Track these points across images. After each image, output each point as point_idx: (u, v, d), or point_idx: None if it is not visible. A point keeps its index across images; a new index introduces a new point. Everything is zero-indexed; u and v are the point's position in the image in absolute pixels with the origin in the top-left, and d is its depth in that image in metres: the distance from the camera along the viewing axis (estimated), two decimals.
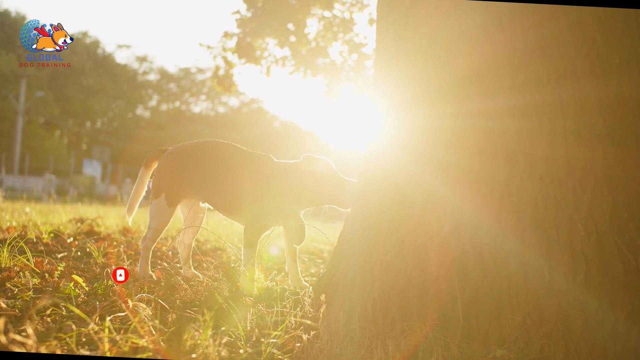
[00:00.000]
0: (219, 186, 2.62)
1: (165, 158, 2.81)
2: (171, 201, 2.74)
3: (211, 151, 2.71)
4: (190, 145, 2.79)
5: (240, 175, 2.56)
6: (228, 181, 2.59)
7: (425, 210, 2.16)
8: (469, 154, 2.13)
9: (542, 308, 1.97)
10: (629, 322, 1.93)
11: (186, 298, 2.12)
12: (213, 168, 2.64)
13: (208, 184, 2.64)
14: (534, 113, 2.07)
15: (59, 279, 2.36)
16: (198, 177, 2.66)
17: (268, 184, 2.51)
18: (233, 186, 2.57)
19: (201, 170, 2.66)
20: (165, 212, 2.74)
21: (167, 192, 2.73)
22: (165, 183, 2.75)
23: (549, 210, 2.02)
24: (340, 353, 1.79)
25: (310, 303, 2.27)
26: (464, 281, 2.05)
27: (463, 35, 2.18)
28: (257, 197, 2.51)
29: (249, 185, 2.53)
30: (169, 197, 2.73)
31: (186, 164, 2.72)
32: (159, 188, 2.76)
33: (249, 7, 10.06)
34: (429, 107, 2.22)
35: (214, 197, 2.67)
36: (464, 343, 1.97)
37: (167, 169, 2.78)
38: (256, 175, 2.54)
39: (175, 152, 2.81)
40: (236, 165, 2.60)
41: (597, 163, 2.05)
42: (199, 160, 2.69)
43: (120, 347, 1.44)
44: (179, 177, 2.72)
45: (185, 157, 2.74)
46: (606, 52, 2.08)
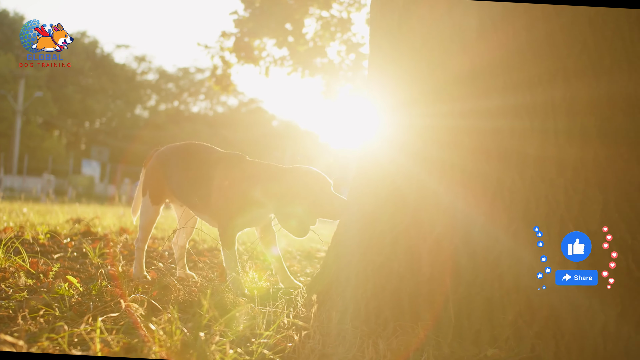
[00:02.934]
0: (192, 186, 2.62)
1: (152, 158, 2.86)
2: (155, 200, 2.78)
3: (189, 153, 2.73)
4: (175, 146, 2.82)
5: (213, 175, 2.54)
6: (200, 181, 2.58)
7: (419, 209, 2.18)
8: (462, 153, 2.14)
9: (534, 307, 1.98)
10: (619, 322, 1.94)
11: (180, 298, 2.13)
12: (188, 169, 2.66)
13: (183, 185, 2.66)
14: (525, 113, 2.08)
15: (53, 280, 2.37)
16: (175, 178, 2.69)
17: (240, 184, 2.48)
18: (206, 186, 2.56)
19: (177, 171, 2.69)
20: (150, 210, 2.79)
21: (151, 191, 2.79)
22: (150, 182, 2.81)
23: (541, 209, 2.04)
24: (332, 353, 1.80)
25: (303, 303, 2.28)
26: (456, 280, 2.06)
27: (456, 36, 2.19)
28: (229, 197, 2.48)
29: (221, 186, 2.51)
30: (153, 196, 2.78)
31: (167, 164, 2.75)
32: (145, 187, 2.83)
33: (246, 7, 10.07)
34: (423, 106, 2.24)
35: (189, 198, 2.67)
36: (455, 342, 1.98)
37: (151, 168, 2.82)
38: (229, 175, 2.51)
39: (161, 152, 2.85)
40: (209, 166, 2.59)
41: (588, 163, 2.06)
42: (177, 161, 2.71)
43: (112, 348, 1.45)
44: (162, 177, 2.76)
45: (167, 157, 2.77)
46: (597, 53, 2.10)
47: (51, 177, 29.44)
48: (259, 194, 2.44)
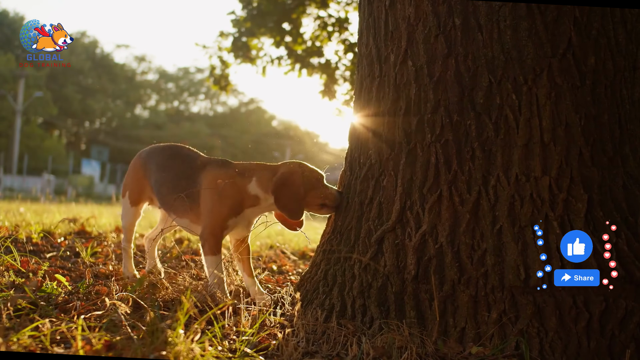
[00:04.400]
0: (174, 188, 2.51)
1: (135, 158, 2.82)
2: (133, 201, 2.75)
3: (171, 154, 2.64)
4: (157, 147, 2.75)
5: (201, 177, 2.47)
6: (184, 183, 2.49)
7: (405, 208, 2.19)
8: (447, 152, 2.15)
9: (518, 305, 1.99)
10: (603, 319, 1.95)
11: (167, 297, 2.14)
12: (169, 171, 2.57)
13: (163, 186, 2.57)
14: (510, 112, 2.09)
15: (42, 278, 2.38)
16: (155, 179, 2.62)
17: (235, 180, 2.41)
18: (191, 188, 2.46)
19: (158, 172, 2.61)
20: (130, 211, 2.75)
21: (130, 192, 2.76)
22: (129, 183, 2.77)
23: (526, 208, 2.05)
24: (315, 350, 1.81)
25: (290, 301, 2.29)
26: (441, 279, 2.07)
27: (441, 36, 2.20)
28: (223, 195, 2.40)
29: (211, 185, 2.42)
30: (132, 197, 2.75)
31: (148, 166, 2.69)
32: (124, 188, 2.80)
33: (244, 7, 10.08)
34: (409, 106, 2.24)
35: (169, 200, 2.55)
36: (440, 340, 2.00)
37: (132, 169, 2.78)
38: (222, 174, 2.43)
39: (142, 153, 2.79)
40: (196, 168, 2.51)
41: (573, 162, 2.07)
42: (159, 162, 2.65)
43: (93, 345, 1.46)
44: (142, 177, 2.72)
45: (149, 158, 2.71)
46: (582, 53, 2.11)
47: (51, 177, 29.49)
48: (255, 187, 2.41)
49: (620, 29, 2.17)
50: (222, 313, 1.95)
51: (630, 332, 1.94)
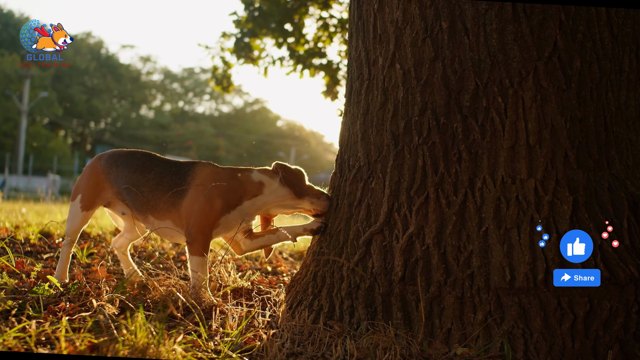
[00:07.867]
0: (153, 191, 2.46)
1: (92, 161, 2.72)
2: (86, 205, 2.63)
3: (145, 159, 2.58)
4: (124, 152, 2.67)
5: (188, 178, 2.44)
6: (168, 185, 2.45)
7: (392, 210, 2.21)
8: (434, 155, 2.17)
9: (503, 306, 2.01)
10: (587, 320, 1.96)
11: (156, 298, 2.17)
12: (146, 174, 2.50)
13: (138, 190, 2.48)
14: (496, 115, 2.11)
15: (35, 280, 2.41)
16: (125, 182, 2.52)
17: (230, 178, 2.43)
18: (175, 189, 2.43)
19: (129, 176, 2.52)
20: (79, 216, 2.62)
21: (83, 196, 2.63)
22: (83, 187, 2.65)
23: (511, 210, 2.06)
24: (300, 351, 1.83)
25: (279, 302, 2.31)
26: (427, 280, 2.09)
27: (429, 39, 2.21)
28: (218, 194, 2.38)
29: (203, 185, 2.39)
30: (84, 201, 2.62)
31: (112, 170, 2.59)
32: (76, 190, 2.67)
33: (246, 7, 10.11)
34: (396, 109, 2.26)
35: (145, 204, 2.48)
36: (426, 341, 2.01)
37: (89, 173, 2.67)
38: (215, 175, 2.43)
39: (101, 157, 2.70)
40: (181, 170, 2.48)
41: (559, 164, 2.08)
42: (129, 166, 2.55)
43: (77, 346, 1.48)
44: (102, 181, 2.61)
45: (113, 162, 2.61)
46: (567, 56, 2.12)
47: (56, 178, 29.61)
48: (258, 174, 2.46)
49: (606, 32, 2.18)
50: (209, 314, 1.98)
51: (615, 333, 1.95)
